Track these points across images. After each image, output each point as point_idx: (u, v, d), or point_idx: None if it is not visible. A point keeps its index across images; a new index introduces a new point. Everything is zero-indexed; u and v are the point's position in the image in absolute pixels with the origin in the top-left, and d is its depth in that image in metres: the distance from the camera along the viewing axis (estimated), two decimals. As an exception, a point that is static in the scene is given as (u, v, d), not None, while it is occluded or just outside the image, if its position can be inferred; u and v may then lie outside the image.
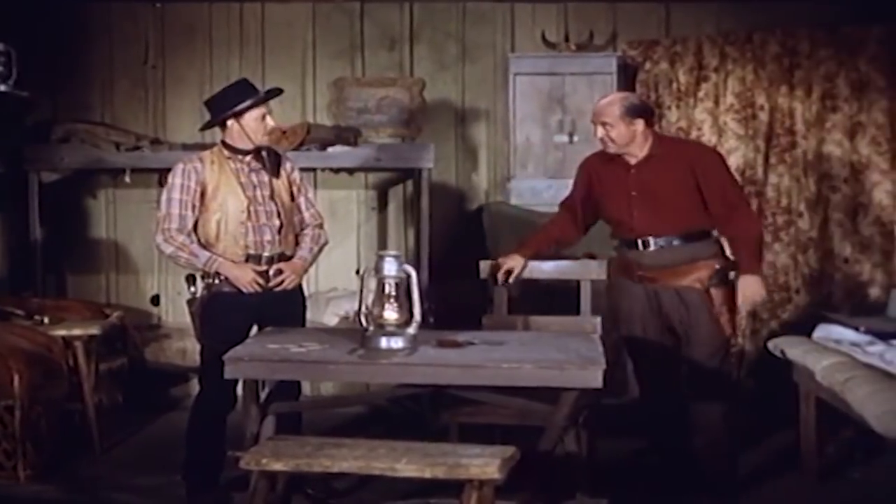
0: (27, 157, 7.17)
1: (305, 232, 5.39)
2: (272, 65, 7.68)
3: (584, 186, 5.42)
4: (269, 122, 5.19)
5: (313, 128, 7.26)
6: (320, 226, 5.45)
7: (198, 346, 5.30)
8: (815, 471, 5.59)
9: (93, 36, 7.65)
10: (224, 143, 5.23)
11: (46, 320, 6.33)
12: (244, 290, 5.10)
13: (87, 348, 6.13)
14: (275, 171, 5.26)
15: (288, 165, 5.37)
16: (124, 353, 6.80)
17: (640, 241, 5.21)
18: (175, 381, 7.28)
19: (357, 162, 7.35)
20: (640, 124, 5.13)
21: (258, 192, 5.19)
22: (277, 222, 5.21)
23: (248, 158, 5.20)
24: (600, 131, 5.15)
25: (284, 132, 7.14)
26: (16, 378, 5.48)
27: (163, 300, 7.73)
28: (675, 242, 5.16)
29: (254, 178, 5.20)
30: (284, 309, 5.24)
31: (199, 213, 5.16)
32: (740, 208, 5.19)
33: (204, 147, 7.10)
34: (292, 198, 5.34)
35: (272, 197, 5.21)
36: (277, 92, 5.39)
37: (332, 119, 7.63)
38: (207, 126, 5.39)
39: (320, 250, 5.45)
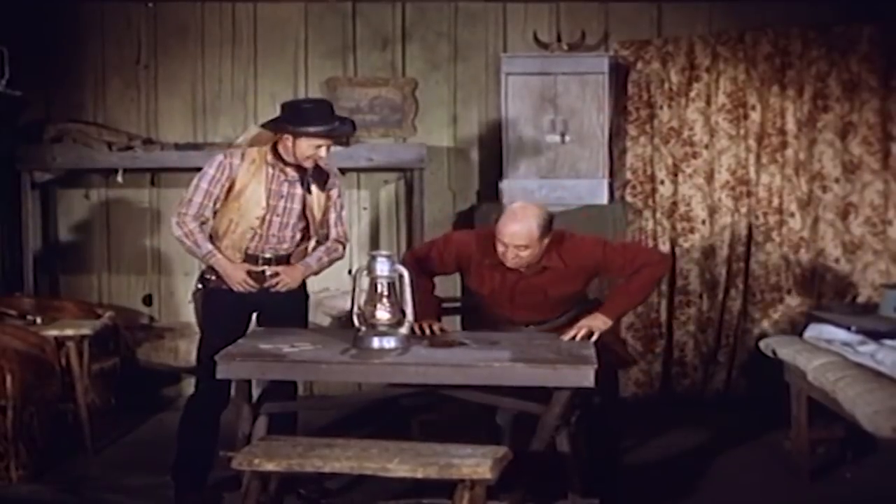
0: (20, 156, 7.16)
1: (324, 245, 5.35)
2: (264, 64, 7.67)
3: (452, 265, 5.22)
4: (323, 153, 5.09)
5: (306, 128, 7.25)
6: (341, 243, 5.40)
7: (191, 347, 5.31)
8: (806, 470, 5.60)
9: (85, 36, 7.62)
10: (274, 148, 5.15)
11: (39, 320, 6.33)
12: (234, 288, 5.11)
13: (79, 348, 6.12)
14: (315, 187, 5.20)
15: (331, 182, 5.29)
16: (116, 354, 6.79)
17: (517, 323, 5.17)
18: (167, 381, 7.29)
19: (349, 162, 7.34)
20: (547, 238, 4.93)
21: (281, 204, 5.15)
22: (289, 234, 5.20)
23: (288, 169, 5.14)
24: (511, 253, 4.87)
25: (277, 132, 7.14)
26: (8, 378, 5.48)
27: (155, 300, 7.71)
28: (555, 318, 5.14)
29: (285, 188, 5.15)
30: (284, 308, 5.23)
31: (220, 204, 5.16)
32: (642, 266, 4.99)
33: (196, 147, 7.16)
34: (324, 212, 5.30)
35: (298, 211, 5.18)
36: (348, 130, 5.27)
37: (325, 119, 7.62)
38: (268, 127, 5.21)
39: (331, 262, 5.40)
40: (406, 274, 4.65)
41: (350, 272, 7.58)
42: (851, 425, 5.06)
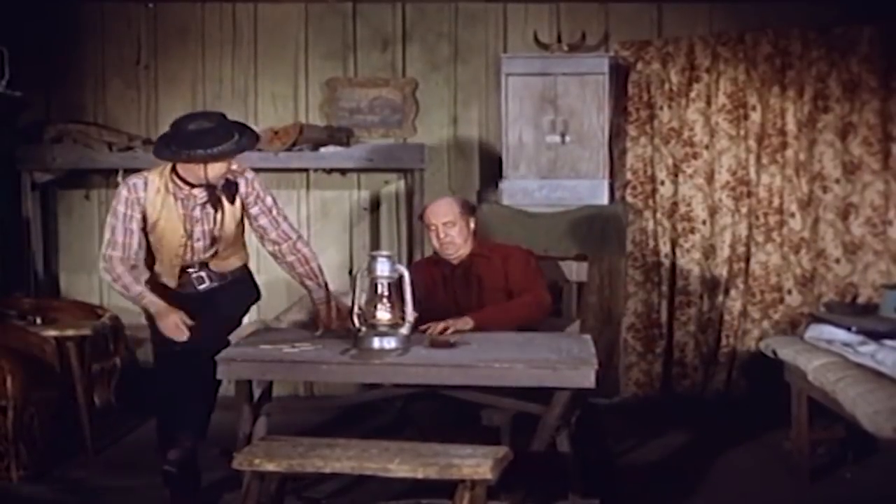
0: (20, 157, 7.17)
1: (290, 261, 5.18)
2: (265, 65, 7.68)
3: (420, 289, 5.21)
4: (235, 166, 4.98)
5: (306, 128, 7.26)
6: (300, 241, 5.22)
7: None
8: (806, 470, 5.59)
9: (85, 36, 7.64)
10: (176, 173, 5.00)
11: (39, 321, 6.33)
12: (166, 334, 4.95)
13: (79, 349, 6.12)
14: (226, 201, 5.04)
15: (243, 191, 5.07)
16: (116, 354, 6.79)
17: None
18: (167, 381, 7.28)
19: (349, 162, 7.36)
20: (472, 222, 5.41)
21: (199, 228, 5.05)
22: (213, 251, 5.12)
23: (197, 191, 4.99)
24: (441, 232, 5.31)
25: (277, 133, 7.15)
26: (8, 379, 5.47)
27: (155, 300, 7.71)
28: None
29: (198, 211, 5.02)
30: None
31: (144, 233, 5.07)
32: (527, 293, 5.26)
33: (196, 147, 7.13)
34: (248, 221, 5.16)
35: (212, 230, 5.07)
36: (253, 139, 5.07)
37: (325, 119, 7.63)
38: (167, 157, 4.97)
39: (318, 265, 5.24)
40: (406, 274, 4.66)
41: (350, 273, 7.59)
42: (852, 425, 5.05)
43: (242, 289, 5.34)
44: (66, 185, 7.65)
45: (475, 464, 3.86)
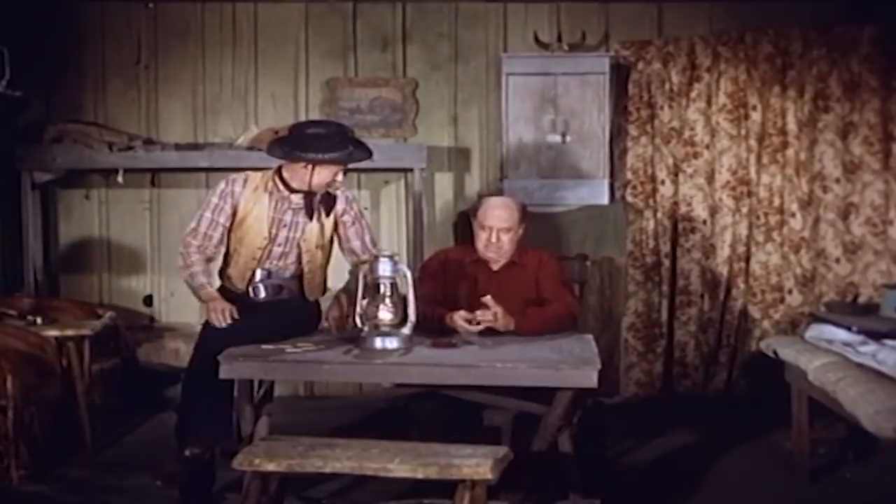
0: (20, 157, 7.16)
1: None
2: (265, 65, 7.67)
3: (439, 284, 5.28)
4: (340, 178, 5.03)
5: (306, 128, 7.25)
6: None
7: (191, 347, 5.27)
8: (807, 470, 5.59)
9: (85, 36, 7.63)
10: (280, 174, 5.07)
11: (39, 320, 6.32)
12: (209, 318, 4.92)
13: (79, 349, 6.11)
14: (324, 214, 5.10)
15: (340, 207, 5.17)
16: (117, 354, 6.79)
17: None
18: (167, 381, 7.26)
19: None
20: (522, 229, 5.28)
21: (283, 233, 5.08)
22: (291, 261, 5.13)
23: (294, 197, 5.06)
24: (494, 236, 5.18)
25: (277, 133, 7.14)
26: (8, 378, 5.46)
27: (155, 300, 7.72)
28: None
29: (289, 216, 5.07)
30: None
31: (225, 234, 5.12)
32: (560, 298, 5.18)
33: (196, 148, 7.16)
34: (337, 237, 5.20)
35: (297, 240, 5.10)
36: (366, 154, 5.15)
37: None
38: (278, 154, 5.05)
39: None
40: (409, 274, 4.66)
41: (350, 273, 7.58)
42: (852, 425, 5.05)
43: (304, 314, 5.27)
44: (66, 185, 7.65)
45: (475, 464, 3.86)
